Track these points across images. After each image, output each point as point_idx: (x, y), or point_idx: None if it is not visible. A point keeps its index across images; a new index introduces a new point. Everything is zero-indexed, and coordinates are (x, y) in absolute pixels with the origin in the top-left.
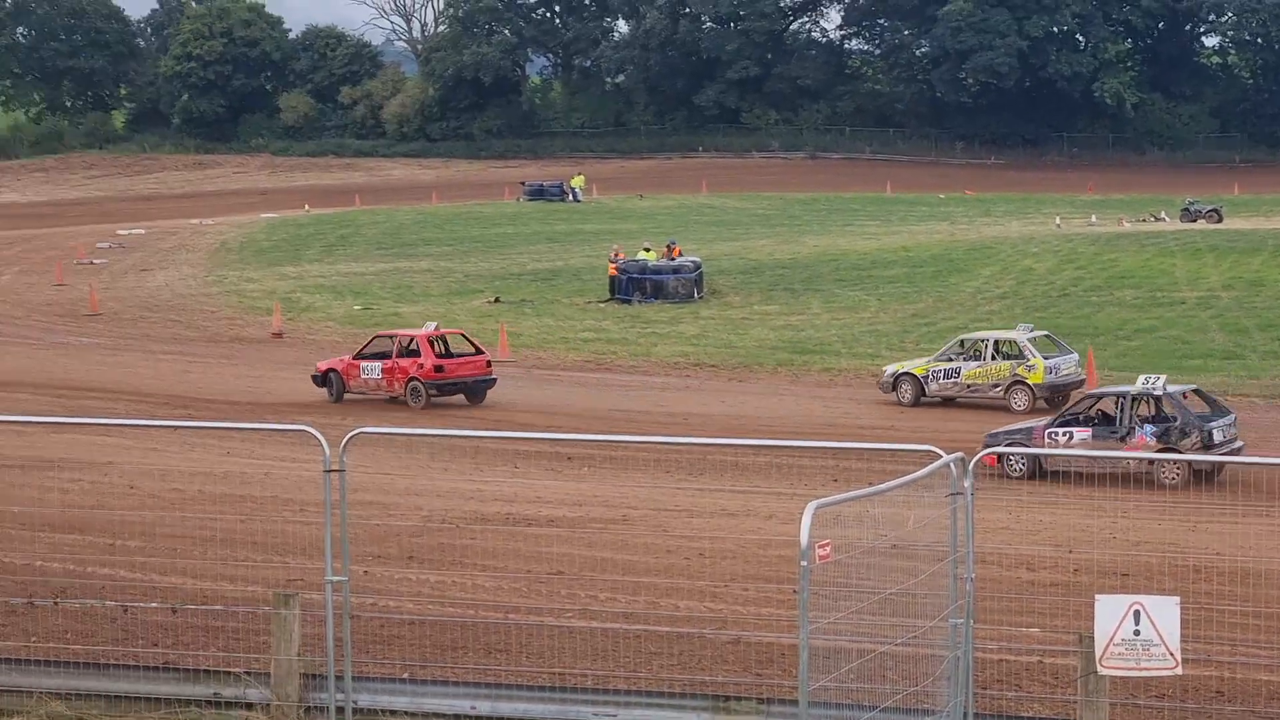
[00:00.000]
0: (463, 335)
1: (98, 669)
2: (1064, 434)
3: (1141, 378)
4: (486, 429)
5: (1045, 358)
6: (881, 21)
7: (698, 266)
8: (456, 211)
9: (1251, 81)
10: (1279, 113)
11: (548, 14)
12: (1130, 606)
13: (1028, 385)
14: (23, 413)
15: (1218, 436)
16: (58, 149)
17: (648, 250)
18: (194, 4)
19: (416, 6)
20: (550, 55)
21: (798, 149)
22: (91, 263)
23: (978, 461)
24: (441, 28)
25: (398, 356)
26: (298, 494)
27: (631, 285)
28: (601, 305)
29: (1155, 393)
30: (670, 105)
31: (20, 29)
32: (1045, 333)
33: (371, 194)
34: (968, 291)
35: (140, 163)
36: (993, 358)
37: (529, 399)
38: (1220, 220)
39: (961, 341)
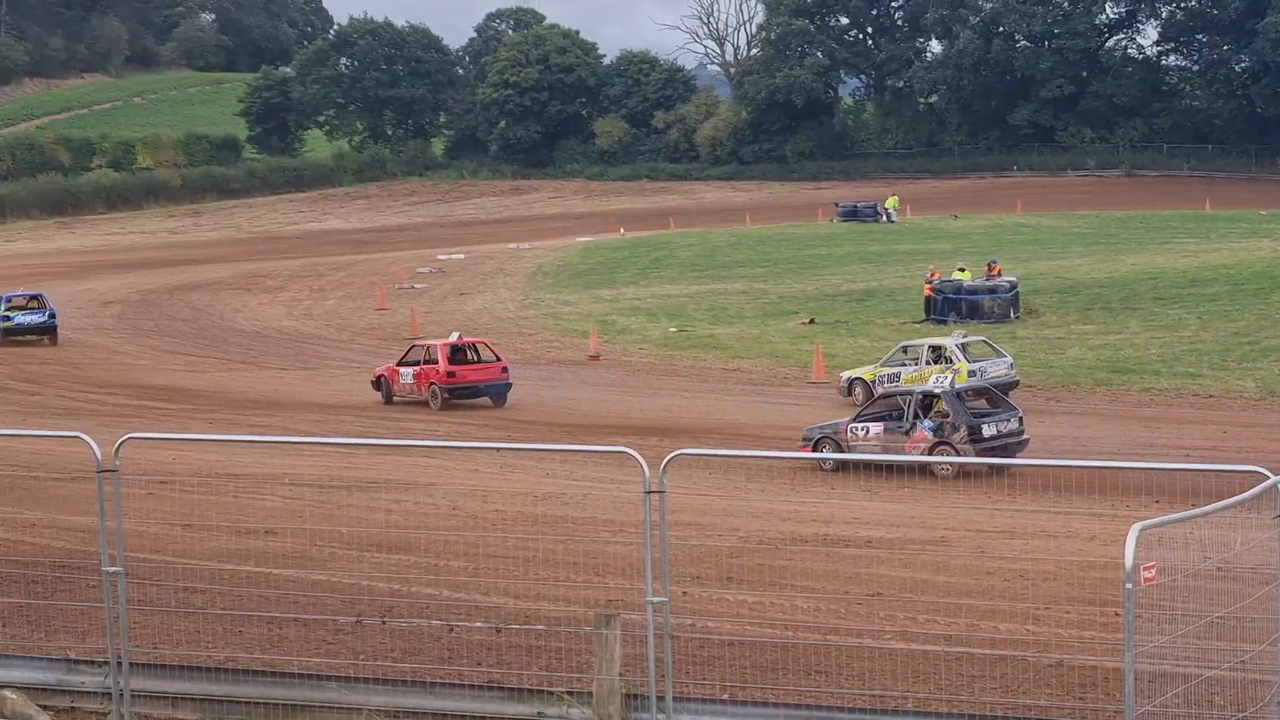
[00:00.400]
0: (485, 345)
1: (423, 687)
2: (862, 429)
3: (933, 378)
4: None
5: (974, 362)
6: (1200, 37)
7: (1013, 286)
8: (770, 233)
9: None
10: None
11: (860, 35)
12: None
13: None
14: (347, 435)
15: (987, 431)
16: (379, 176)
17: (962, 270)
18: (510, 32)
19: (730, 30)
20: (862, 76)
21: (1114, 167)
22: (412, 287)
23: None
24: (754, 51)
25: (424, 363)
26: (616, 515)
27: (946, 305)
28: (917, 325)
29: (935, 391)
30: (983, 125)
31: (343, 60)
32: (982, 339)
33: (685, 217)
34: None
35: (459, 189)
36: (927, 362)
37: (843, 419)
38: None
39: (904, 348)
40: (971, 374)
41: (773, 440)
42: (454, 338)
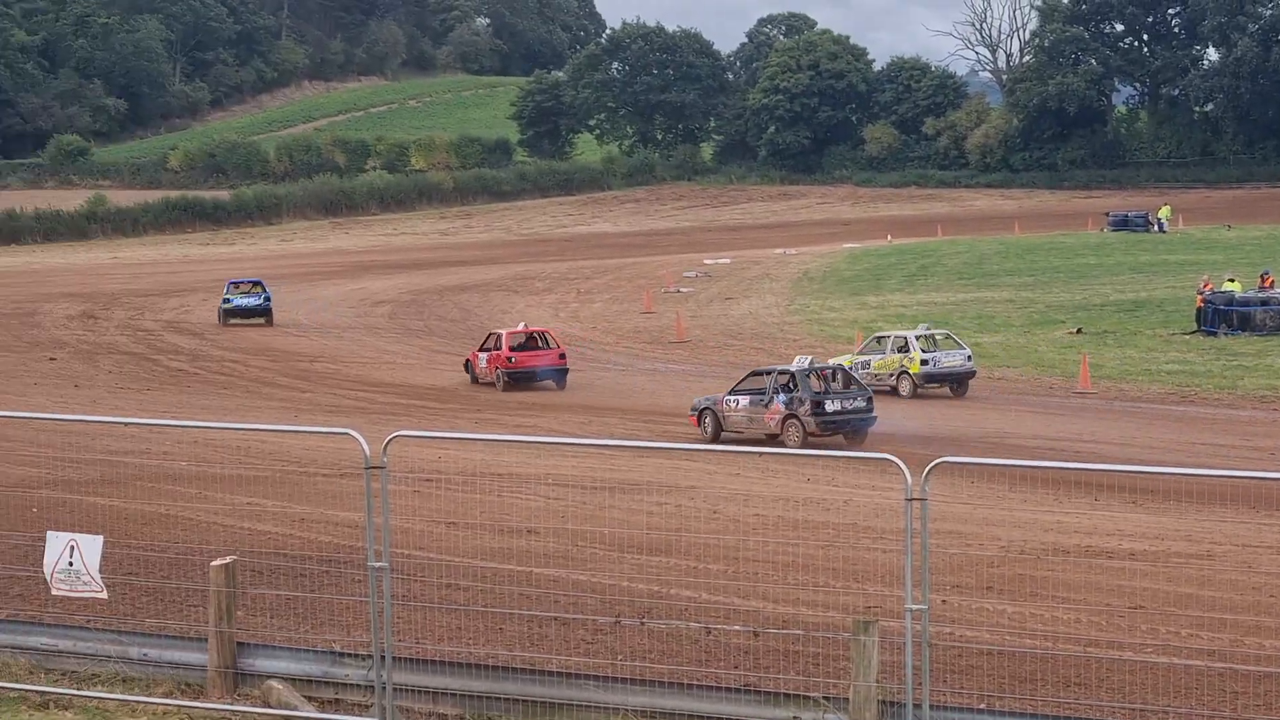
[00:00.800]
0: (549, 334)
1: (680, 689)
2: (734, 401)
3: (798, 358)
4: (1066, 460)
5: (929, 352)
6: None
7: None
8: (1038, 242)
9: None
10: None
11: (1135, 43)
12: None
13: (909, 374)
14: (611, 436)
15: (830, 407)
16: (648, 181)
17: (1232, 281)
18: (782, 38)
19: (1003, 37)
20: (1136, 84)
21: None
22: (678, 291)
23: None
24: (1027, 58)
25: (493, 350)
26: (877, 521)
27: (1217, 317)
28: (1186, 337)
29: (790, 369)
30: (1261, 134)
31: (615, 64)
32: (945, 332)
33: (953, 224)
34: None
35: (727, 194)
36: (890, 351)
37: (1110, 431)
38: None
39: (878, 338)
40: (924, 362)
41: (1036, 450)
42: (520, 326)
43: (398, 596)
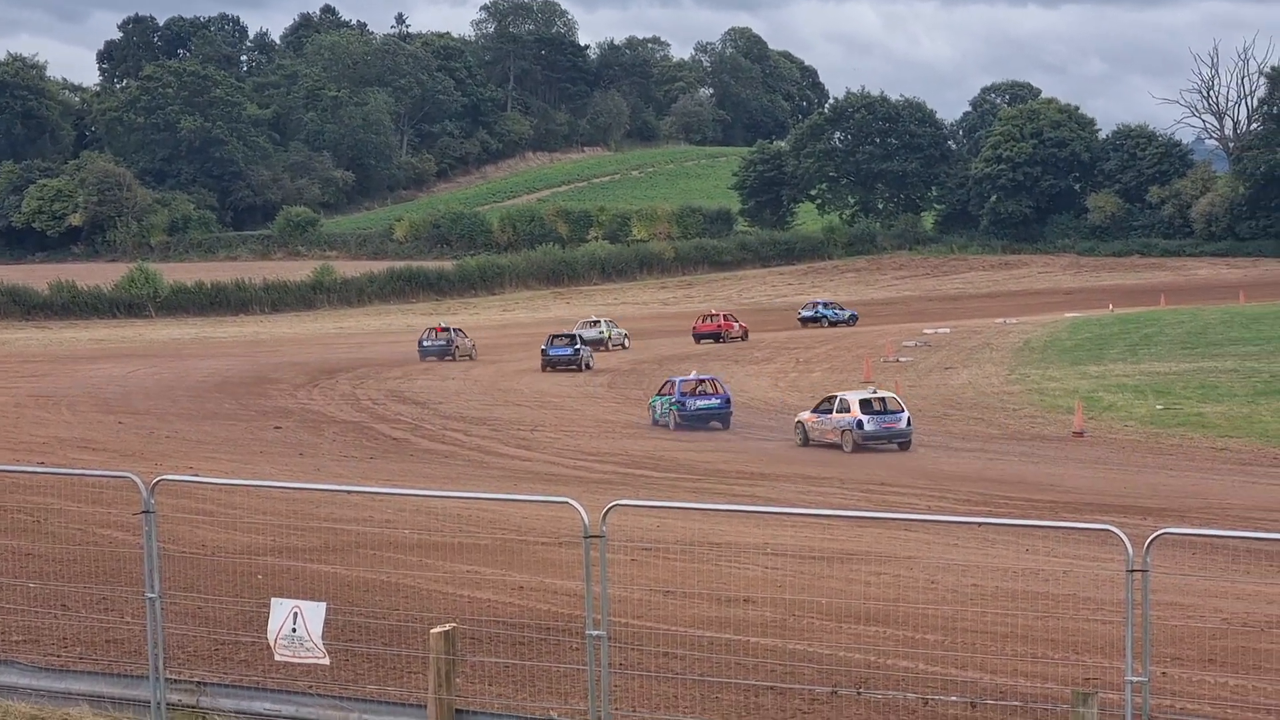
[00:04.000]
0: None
1: None
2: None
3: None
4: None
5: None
6: None
7: None
8: (1265, 311)
9: None
10: None
11: None
12: None
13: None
14: (829, 506)
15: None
16: (869, 250)
17: None
18: (1006, 106)
19: (1230, 105)
20: None
21: None
22: (898, 360)
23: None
24: (1255, 125)
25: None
26: (1096, 593)
27: None
28: None
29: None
30: None
31: (837, 134)
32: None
33: (1176, 293)
34: None
35: (948, 263)
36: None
37: None
38: None
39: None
40: (861, 424)
41: (1260, 521)
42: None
43: (615, 665)
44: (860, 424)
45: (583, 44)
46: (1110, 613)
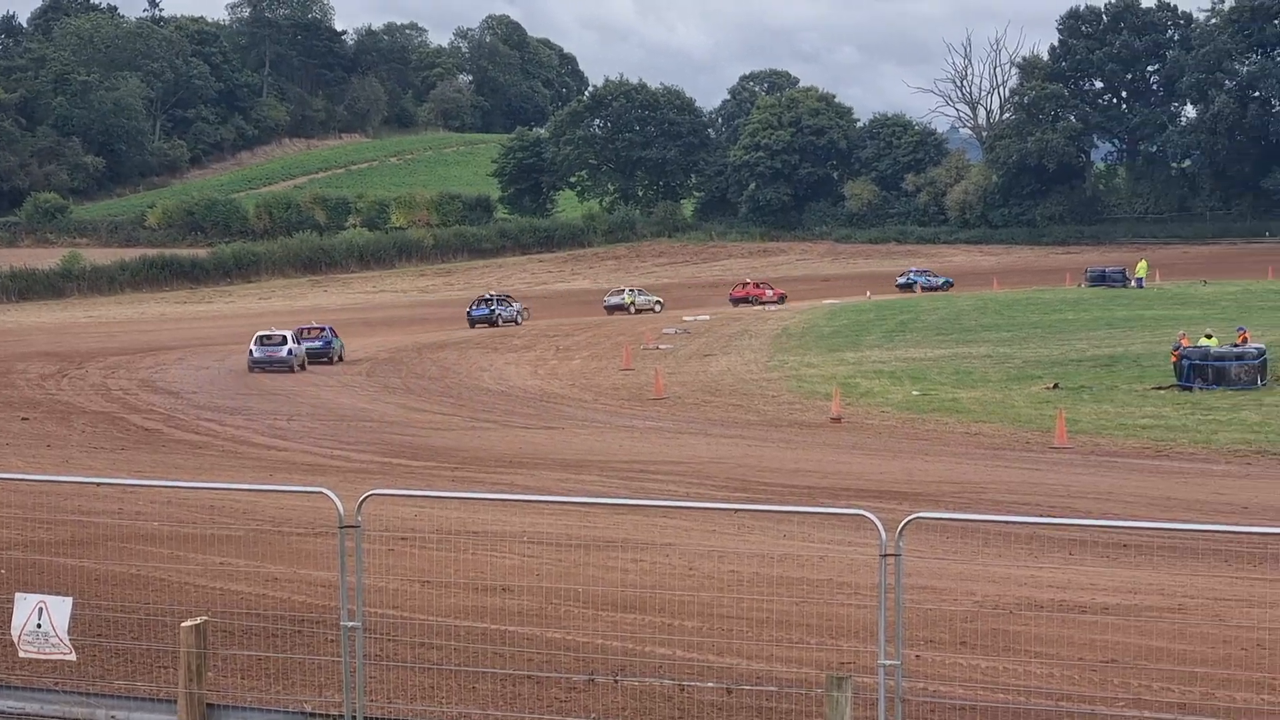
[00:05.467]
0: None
1: None
2: None
3: None
4: (1041, 515)
5: None
6: None
7: (1262, 353)
8: (1017, 297)
9: None
10: None
11: (1114, 100)
12: None
13: None
14: (589, 494)
15: None
16: (629, 237)
17: (1209, 337)
18: (764, 95)
19: (983, 94)
20: (1115, 141)
21: None
22: (658, 348)
23: None
24: (1007, 115)
25: None
26: (852, 577)
27: (1193, 371)
28: (1162, 392)
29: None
30: (1237, 190)
31: (597, 121)
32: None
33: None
34: None
35: (707, 250)
36: None
37: (1085, 486)
38: None
39: None
40: None
41: (1012, 505)
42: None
43: (370, 656)
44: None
45: (339, 30)
46: (865, 597)
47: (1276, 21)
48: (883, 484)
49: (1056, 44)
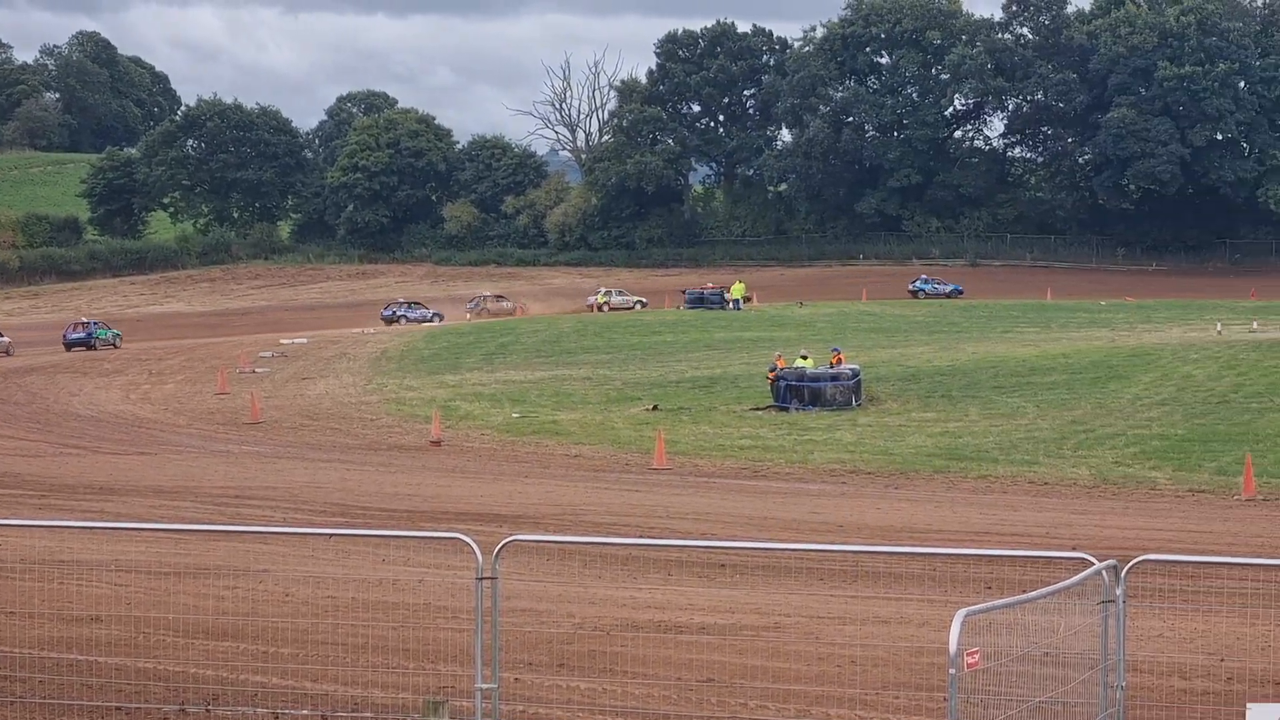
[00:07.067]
0: None
1: None
2: None
3: None
4: (640, 536)
5: None
6: (1044, 129)
7: (856, 374)
8: (616, 319)
9: None
10: None
11: (711, 123)
12: None
13: None
14: (183, 520)
15: None
16: (224, 260)
17: (805, 358)
18: (362, 116)
19: (582, 117)
20: (713, 164)
21: (958, 256)
22: (254, 371)
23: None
24: (606, 138)
25: None
26: (451, 601)
27: (789, 392)
28: (760, 413)
29: None
30: (831, 213)
31: (190, 141)
32: None
33: (533, 302)
34: (1127, 398)
35: (305, 273)
36: None
37: (684, 506)
38: None
39: None
40: None
41: (612, 526)
42: None
43: None
44: None
45: None
46: (464, 621)
47: (868, 50)
48: (483, 507)
49: (655, 68)
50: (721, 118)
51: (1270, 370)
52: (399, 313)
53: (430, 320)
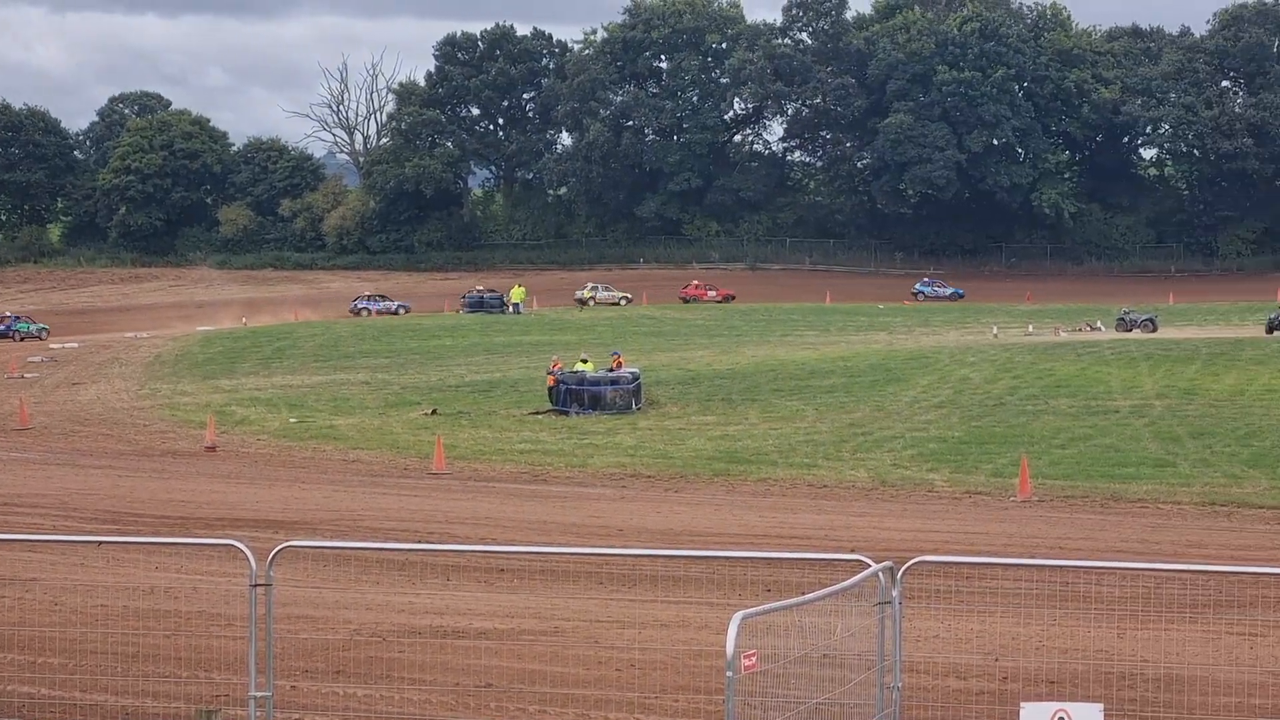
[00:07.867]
0: None
1: None
2: None
3: None
4: (419, 541)
5: None
6: (824, 134)
7: (636, 378)
8: (394, 323)
9: (1187, 192)
10: (1214, 223)
11: (491, 127)
12: (1055, 714)
13: None
14: None
15: None
16: None
17: (585, 361)
18: (135, 117)
19: (360, 119)
20: (493, 168)
21: (738, 260)
22: (22, 377)
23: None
24: (384, 140)
25: None
26: (225, 609)
27: (569, 396)
28: (539, 417)
29: None
30: (611, 217)
31: None
32: None
33: (309, 306)
34: (905, 401)
35: (76, 276)
36: None
37: (463, 511)
38: (1155, 329)
39: None
40: None
41: (390, 532)
42: None
43: None
44: None
45: None
46: (239, 628)
47: (648, 54)
48: (259, 513)
49: (433, 70)
50: (501, 121)
51: (1045, 373)
52: (361, 305)
53: (395, 312)
